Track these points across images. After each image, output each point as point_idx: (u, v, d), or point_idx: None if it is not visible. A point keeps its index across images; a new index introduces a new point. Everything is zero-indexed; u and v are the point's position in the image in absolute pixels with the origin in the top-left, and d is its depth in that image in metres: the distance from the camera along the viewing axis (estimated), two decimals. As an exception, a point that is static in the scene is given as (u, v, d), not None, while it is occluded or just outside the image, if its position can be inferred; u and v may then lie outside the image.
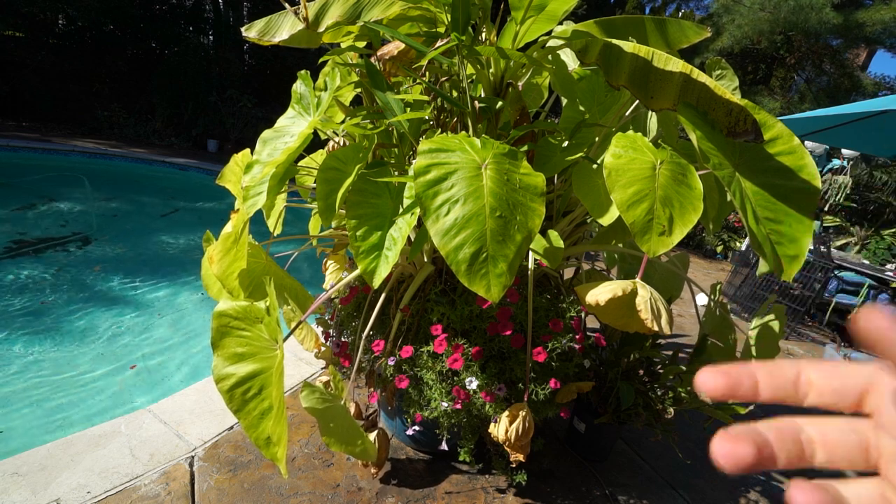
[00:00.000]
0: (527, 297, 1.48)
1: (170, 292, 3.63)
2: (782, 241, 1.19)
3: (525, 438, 1.43)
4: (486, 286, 1.04)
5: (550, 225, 1.78)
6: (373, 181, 1.34)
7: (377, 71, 1.46)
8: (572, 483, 1.89)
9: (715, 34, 8.92)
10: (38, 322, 2.95)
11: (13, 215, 4.75)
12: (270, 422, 1.18)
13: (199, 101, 9.22)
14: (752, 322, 1.65)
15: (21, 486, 1.53)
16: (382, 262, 1.24)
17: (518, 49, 1.52)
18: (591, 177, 1.46)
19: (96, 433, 1.80)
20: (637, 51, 1.25)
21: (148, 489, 1.59)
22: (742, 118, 1.19)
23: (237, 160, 1.80)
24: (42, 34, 9.15)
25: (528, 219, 1.11)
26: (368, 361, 1.70)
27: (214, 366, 1.21)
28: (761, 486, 2.07)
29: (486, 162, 1.15)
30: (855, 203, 7.72)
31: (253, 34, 1.78)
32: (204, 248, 1.68)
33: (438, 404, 1.51)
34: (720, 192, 1.63)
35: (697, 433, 2.34)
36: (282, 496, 1.64)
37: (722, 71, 1.73)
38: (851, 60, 9.30)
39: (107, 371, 2.60)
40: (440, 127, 1.68)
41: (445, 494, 1.73)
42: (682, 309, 4.18)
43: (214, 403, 2.04)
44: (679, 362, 1.80)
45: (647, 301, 1.22)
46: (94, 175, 6.69)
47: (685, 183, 1.22)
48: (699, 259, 6.85)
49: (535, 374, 1.51)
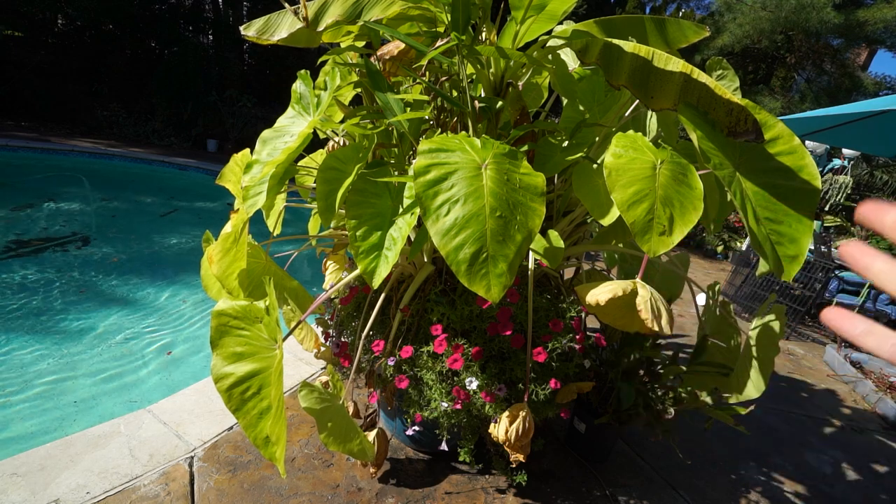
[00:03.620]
0: (527, 297, 1.48)
1: (169, 292, 3.63)
2: (782, 241, 1.19)
3: (525, 439, 1.43)
4: (486, 286, 1.04)
5: (550, 225, 1.78)
6: (373, 181, 1.34)
7: (377, 71, 1.45)
8: (572, 483, 1.88)
9: (715, 33, 8.92)
10: (36, 322, 2.95)
11: (13, 215, 4.74)
12: (269, 421, 1.17)
13: (198, 101, 9.22)
14: (752, 322, 1.65)
15: (20, 487, 1.53)
16: (382, 262, 1.23)
17: (518, 49, 1.52)
18: (592, 177, 1.46)
19: (96, 433, 1.80)
20: (637, 50, 1.24)
21: (147, 489, 1.59)
22: (742, 118, 1.19)
23: (237, 160, 1.80)
24: (41, 34, 9.15)
25: (528, 219, 1.11)
26: (368, 361, 1.69)
27: (213, 365, 1.21)
28: (761, 487, 2.07)
29: (486, 162, 1.15)
30: (855, 203, 7.71)
31: (252, 33, 1.78)
32: (203, 249, 1.68)
33: (438, 404, 1.51)
34: (720, 192, 1.63)
35: (698, 434, 2.34)
36: (281, 496, 1.64)
37: (723, 71, 1.73)
38: (852, 60, 9.30)
39: (106, 371, 2.60)
40: (440, 127, 1.67)
41: (445, 495, 1.73)
42: (682, 309, 4.18)
43: (214, 404, 2.04)
44: (679, 362, 1.80)
45: (647, 301, 1.22)
46: (94, 175, 6.69)
47: (685, 183, 1.22)
48: (699, 259, 6.85)
49: (536, 375, 1.51)
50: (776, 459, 2.29)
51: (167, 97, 9.05)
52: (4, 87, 8.45)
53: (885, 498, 2.17)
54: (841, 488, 2.17)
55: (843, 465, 2.35)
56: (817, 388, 3.22)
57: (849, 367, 3.47)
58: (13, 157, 6.75)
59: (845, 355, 3.62)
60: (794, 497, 2.06)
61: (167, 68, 8.99)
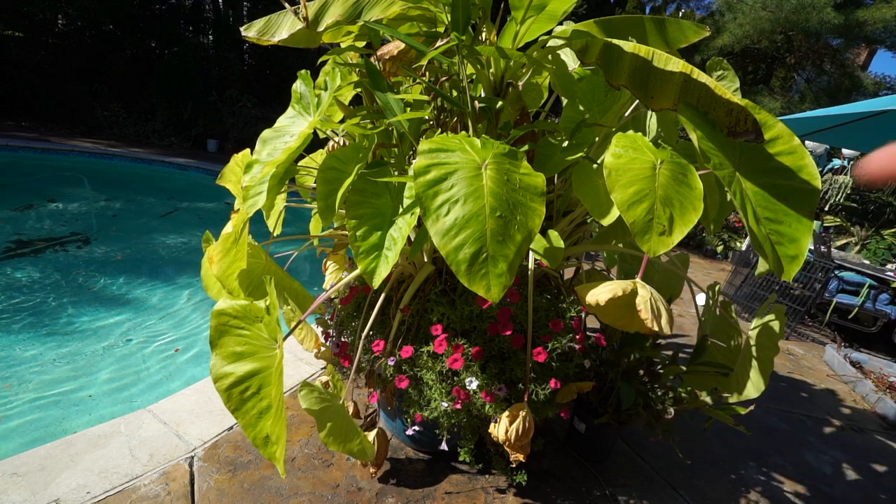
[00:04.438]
0: (527, 297, 1.48)
1: (169, 292, 3.63)
2: (782, 241, 1.19)
3: (525, 438, 1.43)
4: (486, 286, 1.04)
5: (550, 225, 1.78)
6: (373, 181, 1.34)
7: (377, 71, 1.46)
8: (572, 483, 1.89)
9: (715, 33, 8.92)
10: (36, 322, 2.95)
11: (13, 215, 4.74)
12: (269, 421, 1.17)
13: (198, 101, 9.22)
14: (752, 322, 1.65)
15: (21, 487, 1.53)
16: (382, 262, 1.23)
17: (518, 49, 1.52)
18: (592, 177, 1.46)
19: (96, 433, 1.80)
20: (637, 51, 1.24)
21: (148, 489, 1.59)
22: (742, 118, 1.19)
23: (237, 160, 1.80)
24: (41, 34, 9.15)
25: (528, 219, 1.11)
26: (368, 361, 1.69)
27: (213, 365, 1.21)
28: (761, 487, 2.07)
29: (486, 162, 1.15)
30: (855, 203, 7.72)
31: (252, 34, 1.78)
32: (204, 249, 1.68)
33: (438, 404, 1.51)
34: (720, 192, 1.63)
35: (698, 434, 2.34)
36: (281, 496, 1.64)
37: (723, 72, 1.73)
38: (852, 60, 9.30)
39: (106, 371, 2.60)
40: (440, 127, 1.67)
41: (445, 494, 1.73)
42: (682, 309, 4.18)
43: (214, 403, 2.04)
44: (679, 362, 1.80)
45: (647, 301, 1.22)
46: (94, 175, 6.69)
47: (685, 183, 1.22)
48: (699, 259, 6.85)
49: (536, 375, 1.51)
50: (776, 459, 2.30)
51: (167, 97, 9.05)
52: (4, 87, 8.45)
53: (885, 498, 2.17)
54: (841, 488, 2.17)
55: (842, 465, 2.35)
56: (817, 388, 3.22)
57: (848, 367, 3.47)
58: (14, 157, 6.75)
59: (845, 355, 3.63)
60: (794, 497, 2.06)
61: (167, 68, 8.99)
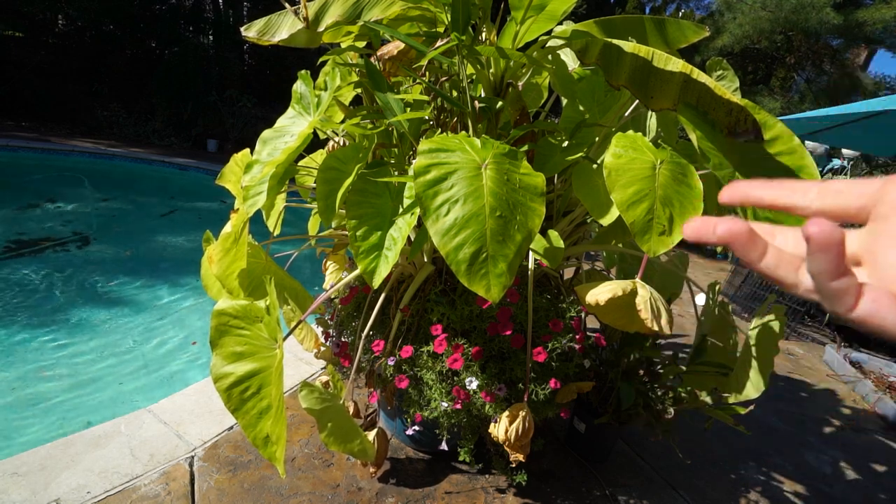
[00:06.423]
0: (527, 297, 1.48)
1: (169, 292, 3.63)
2: (782, 241, 1.18)
3: (525, 438, 1.43)
4: (486, 286, 1.04)
5: (550, 225, 1.78)
6: (373, 181, 1.34)
7: (377, 71, 1.46)
8: (572, 483, 1.89)
9: (715, 33, 8.92)
10: (36, 322, 2.95)
11: (13, 215, 4.75)
12: (269, 421, 1.17)
13: (198, 101, 9.22)
14: (752, 322, 1.65)
15: (21, 486, 1.53)
16: (382, 262, 1.23)
17: (518, 49, 1.52)
18: (591, 177, 1.46)
19: (96, 433, 1.80)
20: (637, 51, 1.25)
21: (148, 489, 1.59)
22: (742, 118, 1.19)
23: (237, 160, 1.80)
24: (41, 34, 9.15)
25: (528, 219, 1.11)
26: (368, 361, 1.69)
27: (213, 364, 1.21)
28: (761, 487, 2.07)
29: (486, 162, 1.15)
30: (855, 203, 7.69)
31: (252, 34, 1.78)
32: (204, 249, 1.68)
33: (438, 404, 1.51)
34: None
35: (698, 434, 2.34)
36: (282, 496, 1.64)
37: (723, 72, 1.73)
38: (852, 60, 9.29)
39: (106, 371, 2.60)
40: (440, 127, 1.67)
41: (445, 494, 1.73)
42: (682, 309, 4.18)
43: (214, 403, 2.04)
44: (679, 362, 1.80)
45: (647, 301, 1.22)
46: (94, 175, 6.69)
47: (685, 183, 1.22)
48: (699, 259, 6.85)
49: (535, 375, 1.51)
50: (776, 459, 2.30)
51: (167, 97, 9.06)
52: (4, 87, 8.46)
53: (885, 498, 2.17)
54: (840, 488, 2.17)
55: (842, 465, 2.35)
56: (817, 388, 3.22)
57: (848, 367, 3.47)
58: (13, 157, 6.75)
59: (845, 355, 3.63)
60: (793, 497, 2.06)
61: (167, 68, 9.00)
